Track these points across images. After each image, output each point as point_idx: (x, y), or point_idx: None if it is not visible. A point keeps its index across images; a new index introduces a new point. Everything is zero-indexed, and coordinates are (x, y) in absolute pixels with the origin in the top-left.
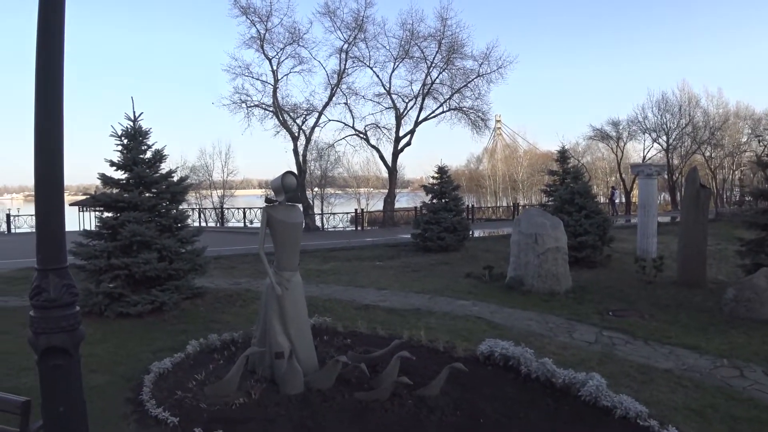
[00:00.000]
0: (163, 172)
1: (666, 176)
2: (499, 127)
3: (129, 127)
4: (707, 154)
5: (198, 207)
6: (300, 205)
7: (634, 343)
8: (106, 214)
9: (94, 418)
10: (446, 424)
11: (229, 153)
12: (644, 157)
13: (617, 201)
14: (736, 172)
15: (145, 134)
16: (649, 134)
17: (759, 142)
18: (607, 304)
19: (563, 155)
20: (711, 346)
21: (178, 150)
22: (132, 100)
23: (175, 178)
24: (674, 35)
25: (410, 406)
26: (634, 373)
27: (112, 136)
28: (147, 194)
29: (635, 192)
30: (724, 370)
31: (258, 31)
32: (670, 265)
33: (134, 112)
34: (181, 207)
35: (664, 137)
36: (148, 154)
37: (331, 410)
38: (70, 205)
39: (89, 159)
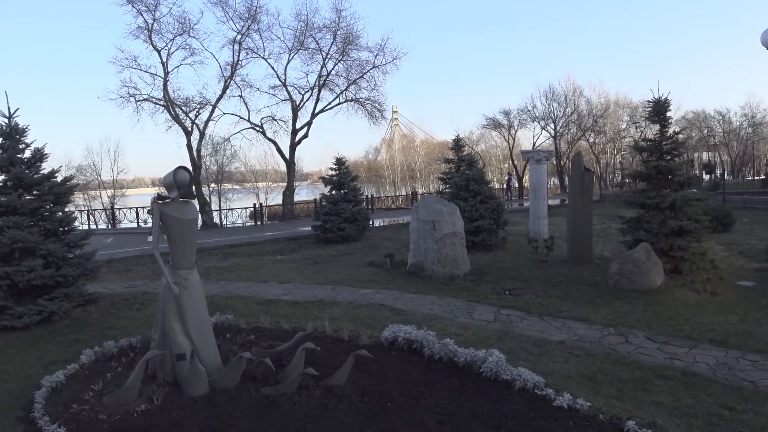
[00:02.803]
0: (45, 172)
1: (554, 161)
2: (396, 118)
3: (4, 124)
4: (591, 140)
5: (87, 209)
6: (195, 201)
7: (530, 319)
8: None
9: None
10: (355, 411)
11: (118, 150)
12: (534, 144)
13: (513, 186)
14: (617, 156)
15: (22, 132)
16: (538, 122)
17: (636, 129)
18: (504, 284)
19: (458, 144)
20: (599, 317)
21: (61, 149)
22: (6, 94)
23: (59, 179)
24: (559, 28)
25: (318, 397)
26: (531, 347)
27: None
28: (27, 197)
29: (527, 177)
30: (611, 338)
31: (145, 20)
32: (561, 244)
33: (9, 108)
34: (67, 209)
35: (552, 125)
36: (27, 154)
37: (238, 408)
38: None
39: None
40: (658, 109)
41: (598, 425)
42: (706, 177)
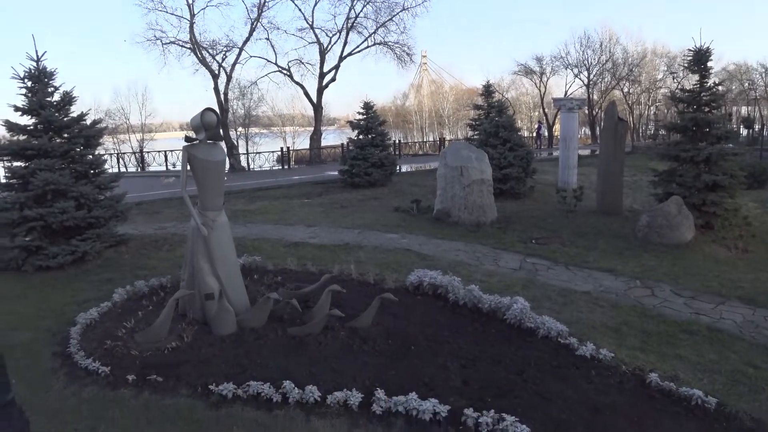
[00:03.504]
0: (74, 115)
1: (586, 111)
2: (425, 63)
3: (32, 68)
4: (625, 90)
5: (116, 152)
6: (222, 143)
7: (556, 269)
8: (14, 164)
9: (20, 376)
10: (379, 353)
11: (146, 94)
12: (566, 92)
13: (543, 134)
14: (652, 108)
15: (50, 75)
16: (571, 70)
17: (673, 79)
18: (531, 233)
19: (488, 90)
20: (626, 269)
21: (89, 92)
22: (33, 38)
23: (88, 122)
24: None
25: (343, 338)
26: (556, 296)
27: (13, 78)
28: (58, 140)
29: (557, 126)
30: (638, 291)
31: None
32: (590, 195)
33: (36, 52)
34: (96, 152)
35: (586, 73)
36: (56, 97)
37: (265, 347)
38: None
39: None
40: (699, 59)
41: (620, 375)
42: (744, 132)
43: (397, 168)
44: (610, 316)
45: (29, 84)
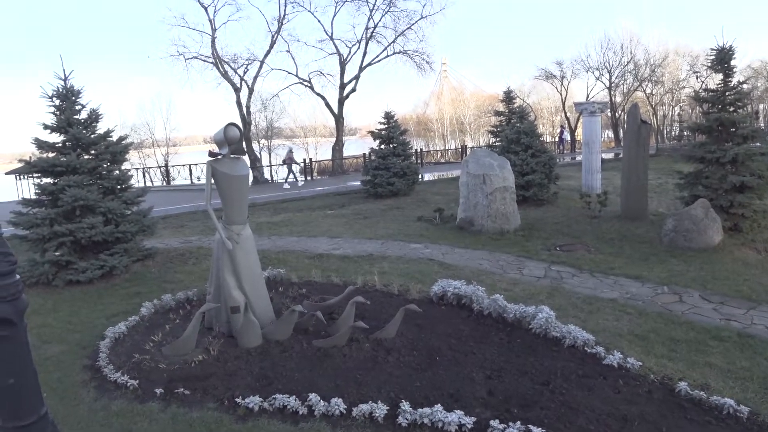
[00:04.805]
0: (101, 132)
1: (609, 113)
2: (446, 71)
3: (60, 86)
4: (648, 91)
5: (142, 167)
6: (245, 157)
7: (581, 276)
8: (44, 180)
9: (52, 389)
10: (404, 364)
11: (170, 108)
12: (587, 96)
13: (566, 139)
14: (676, 108)
15: (77, 93)
16: (592, 73)
17: (697, 79)
18: (555, 240)
19: (509, 96)
20: (652, 275)
21: (115, 108)
22: (60, 57)
23: (114, 138)
24: None
25: (368, 350)
26: (581, 303)
27: (42, 97)
28: (86, 156)
29: (580, 130)
30: (665, 297)
31: None
32: (614, 199)
33: (64, 71)
34: (123, 167)
35: (607, 75)
36: (83, 114)
37: (291, 359)
38: (6, 174)
39: (22, 125)
40: (722, 58)
41: (648, 385)
42: None
43: (420, 177)
44: (637, 323)
45: (57, 102)
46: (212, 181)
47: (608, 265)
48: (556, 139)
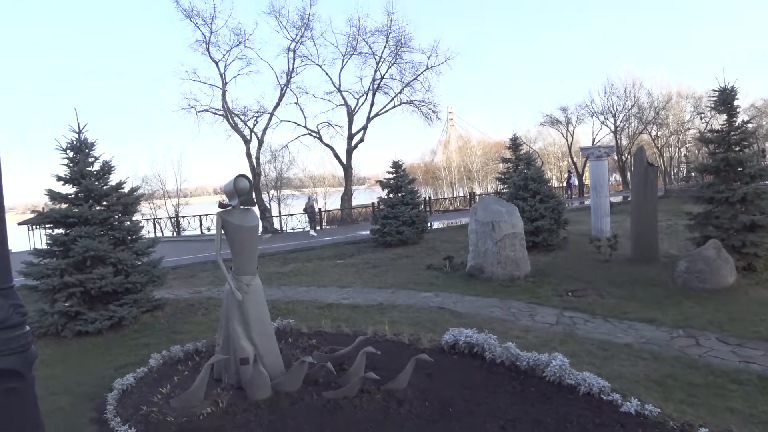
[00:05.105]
0: (113, 183)
1: (615, 157)
2: (452, 119)
3: (74, 139)
4: (653, 133)
5: (153, 217)
6: (255, 208)
7: (594, 321)
8: (56, 231)
9: None
10: (416, 416)
11: (181, 160)
12: (593, 140)
13: (574, 184)
14: (682, 150)
15: (91, 146)
16: (597, 117)
17: (701, 120)
18: (566, 286)
19: (515, 143)
20: (667, 318)
21: (128, 159)
22: (75, 111)
23: (126, 189)
24: (614, 20)
25: (379, 401)
26: (596, 350)
27: (57, 149)
28: (98, 207)
29: (587, 174)
30: (681, 340)
31: (203, 34)
32: (624, 243)
33: (78, 124)
34: (134, 218)
35: (612, 119)
36: (96, 166)
37: (301, 411)
38: (18, 224)
39: (36, 176)
40: (725, 98)
41: None
42: None
43: (429, 225)
44: (654, 368)
45: (71, 154)
46: (222, 231)
47: (621, 309)
48: (564, 184)
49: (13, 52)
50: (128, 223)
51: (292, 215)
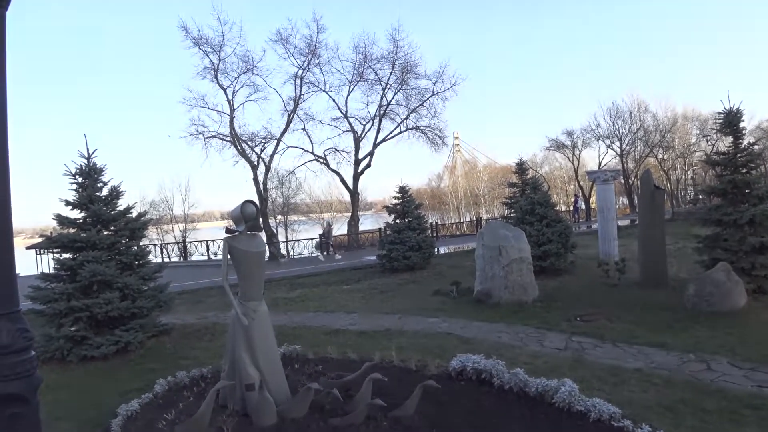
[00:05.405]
0: (121, 208)
1: (622, 180)
2: (458, 144)
3: (83, 164)
4: (660, 156)
5: (160, 242)
6: (262, 234)
7: (603, 346)
8: (64, 256)
9: None
10: None
11: (188, 186)
12: (600, 164)
13: (581, 207)
14: (689, 172)
15: (99, 171)
16: (603, 141)
17: (707, 142)
18: (575, 310)
19: (521, 167)
20: (677, 343)
21: (136, 185)
22: (85, 137)
23: (134, 214)
24: (620, 42)
25: (386, 428)
26: (605, 375)
27: (65, 174)
28: (105, 232)
29: (594, 198)
30: (692, 365)
31: (211, 61)
32: (633, 266)
33: (88, 149)
34: (141, 243)
35: (618, 143)
36: (105, 191)
37: None
38: (26, 248)
39: (44, 200)
40: (730, 120)
41: None
42: None
43: (435, 250)
44: (665, 394)
45: (80, 180)
46: (229, 257)
47: (631, 333)
48: (571, 207)
49: (24, 79)
50: (135, 248)
51: (298, 241)
